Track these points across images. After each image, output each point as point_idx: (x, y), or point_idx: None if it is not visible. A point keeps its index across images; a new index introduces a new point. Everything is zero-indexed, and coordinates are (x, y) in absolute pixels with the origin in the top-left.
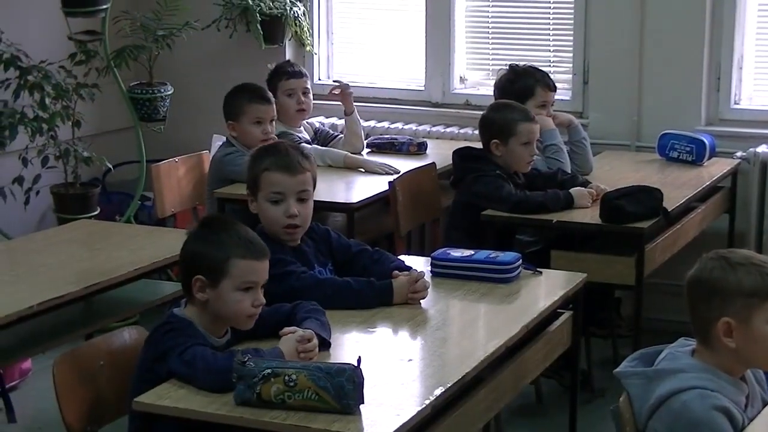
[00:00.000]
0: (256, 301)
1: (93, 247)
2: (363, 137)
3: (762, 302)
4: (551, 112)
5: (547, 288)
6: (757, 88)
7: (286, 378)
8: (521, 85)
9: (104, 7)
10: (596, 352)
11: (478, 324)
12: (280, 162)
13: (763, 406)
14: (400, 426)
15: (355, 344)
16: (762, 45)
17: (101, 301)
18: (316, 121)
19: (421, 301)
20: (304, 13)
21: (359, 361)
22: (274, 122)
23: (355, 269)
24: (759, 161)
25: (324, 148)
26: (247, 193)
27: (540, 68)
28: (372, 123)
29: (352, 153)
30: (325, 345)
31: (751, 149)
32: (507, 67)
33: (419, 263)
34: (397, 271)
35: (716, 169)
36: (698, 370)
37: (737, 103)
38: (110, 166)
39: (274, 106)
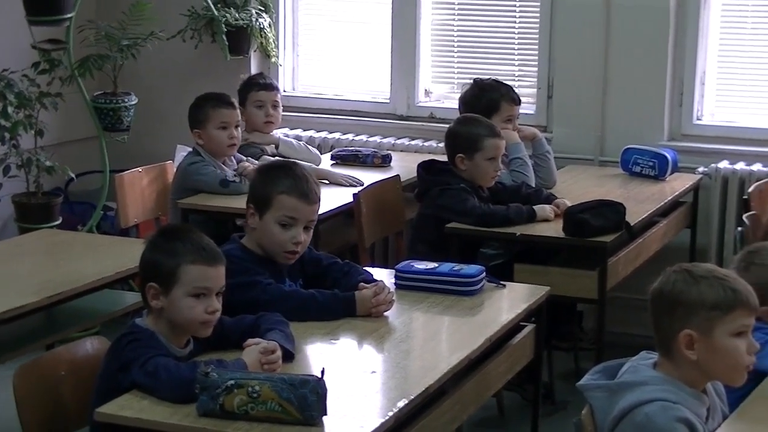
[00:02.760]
0: (210, 308)
1: (55, 257)
2: (309, 154)
3: (724, 315)
4: (516, 126)
5: (511, 301)
6: (719, 104)
7: (250, 389)
8: (487, 99)
9: (69, 16)
10: (558, 365)
11: (441, 336)
12: (299, 188)
13: (723, 419)
14: None
15: (318, 356)
16: (724, 61)
17: (63, 311)
18: (281, 133)
19: (385, 313)
20: (269, 25)
21: (323, 372)
22: (239, 128)
23: (326, 282)
24: (720, 177)
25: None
26: (250, 206)
27: (505, 82)
28: (336, 135)
29: None
30: (288, 356)
31: (712, 165)
32: (472, 82)
33: (383, 275)
34: (362, 284)
35: (678, 184)
36: (660, 382)
37: (699, 119)
38: (73, 175)
39: (239, 111)
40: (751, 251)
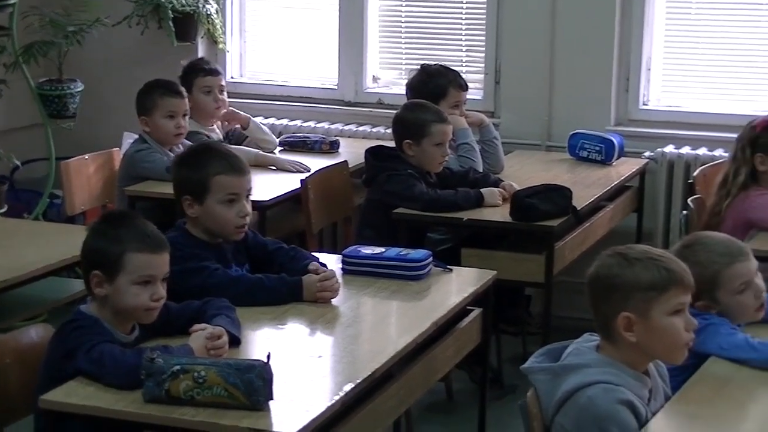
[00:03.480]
0: (155, 295)
1: (0, 245)
2: (272, 137)
3: (659, 295)
4: (464, 112)
5: (458, 285)
6: (665, 89)
7: (196, 374)
8: (434, 85)
9: (12, 2)
10: (506, 349)
11: (388, 321)
12: (231, 164)
13: (666, 400)
14: (310, 422)
15: (265, 341)
16: (670, 47)
17: (8, 299)
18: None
19: (333, 299)
20: (216, 11)
21: (269, 357)
22: (186, 117)
23: (272, 267)
24: (666, 161)
25: (234, 146)
26: (186, 197)
27: (451, 68)
28: (284, 121)
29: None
30: (235, 342)
31: (658, 149)
32: (419, 67)
33: (331, 261)
34: (310, 268)
35: (625, 168)
36: (603, 364)
37: (646, 104)
38: (18, 163)
39: (187, 100)
40: (686, 245)
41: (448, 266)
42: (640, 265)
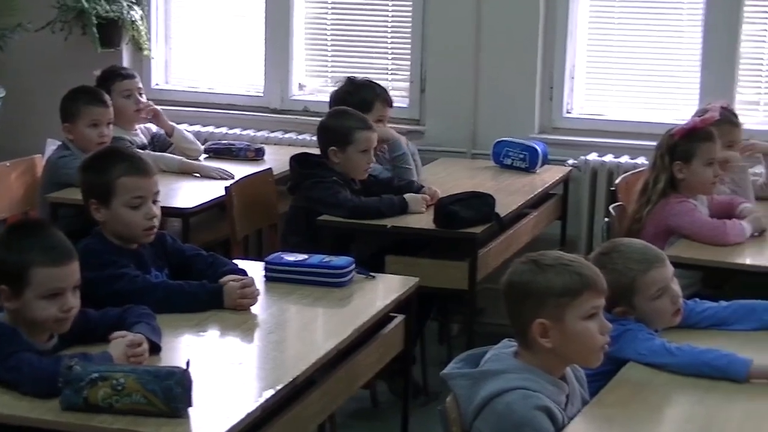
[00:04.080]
0: (65, 306)
1: None
2: (196, 144)
3: (572, 300)
4: (384, 126)
5: (381, 292)
6: (588, 97)
7: (114, 382)
8: (360, 97)
9: None
10: (431, 356)
11: (310, 327)
12: (134, 166)
13: (583, 405)
14: (229, 428)
15: (186, 348)
16: (593, 56)
17: None
18: (154, 126)
19: (253, 306)
20: (141, 17)
21: (188, 364)
22: (110, 125)
23: (191, 273)
24: (589, 169)
25: (158, 153)
26: (92, 201)
27: (378, 83)
28: (210, 128)
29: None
30: (155, 349)
31: (582, 157)
32: (345, 79)
33: (253, 268)
34: (230, 275)
35: (549, 176)
36: (520, 370)
37: (569, 112)
38: None
39: (111, 109)
40: (603, 253)
41: (371, 273)
42: (553, 271)
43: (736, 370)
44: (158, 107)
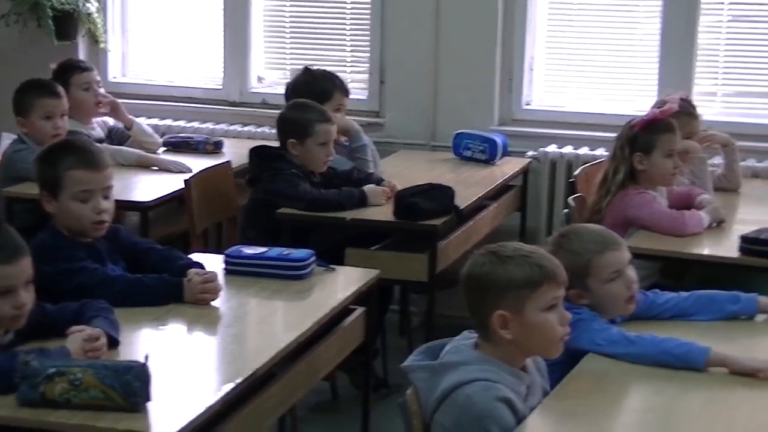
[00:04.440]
0: (17, 303)
1: None
2: (155, 137)
3: (532, 292)
4: (344, 117)
5: (340, 284)
6: (547, 89)
7: (72, 377)
8: (319, 87)
9: None
10: (392, 348)
11: (270, 320)
12: (84, 159)
13: (544, 395)
14: (188, 422)
15: (145, 342)
16: (552, 47)
17: None
18: (111, 119)
19: (215, 300)
20: (97, 9)
21: (147, 358)
22: (65, 117)
23: (146, 267)
24: (549, 160)
25: (116, 147)
26: (44, 193)
27: (335, 73)
28: (168, 122)
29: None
30: (114, 343)
31: (541, 149)
32: (302, 69)
33: (213, 261)
34: (193, 269)
35: (508, 168)
36: (480, 362)
37: (528, 104)
38: None
39: (65, 100)
40: (562, 234)
41: (331, 265)
42: (512, 262)
43: (694, 358)
44: (117, 100)
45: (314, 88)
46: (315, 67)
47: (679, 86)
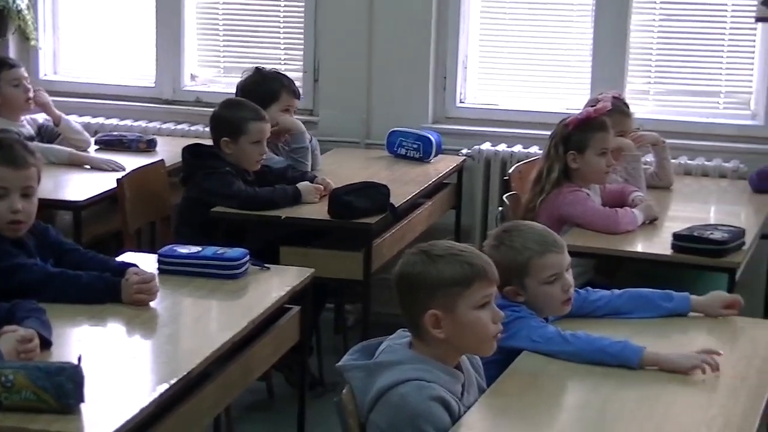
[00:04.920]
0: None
1: None
2: (84, 135)
3: (464, 290)
4: (291, 117)
5: (275, 283)
6: (481, 87)
7: (3, 378)
8: (267, 88)
9: None
10: (328, 347)
11: (205, 320)
12: (3, 156)
13: (480, 393)
14: (122, 424)
15: (77, 342)
16: (485, 45)
17: None
18: (40, 117)
19: (152, 302)
20: (28, 6)
21: (80, 359)
22: None
23: (70, 268)
24: (483, 158)
25: (47, 145)
26: None
27: (285, 74)
28: (100, 120)
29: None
30: (46, 344)
31: (475, 147)
32: (253, 69)
33: (146, 260)
34: (132, 269)
35: (443, 165)
36: (415, 361)
37: (462, 102)
38: None
39: None
40: (505, 230)
41: (266, 264)
42: (443, 261)
43: (629, 356)
44: (47, 95)
45: (262, 89)
46: (267, 67)
47: (612, 84)
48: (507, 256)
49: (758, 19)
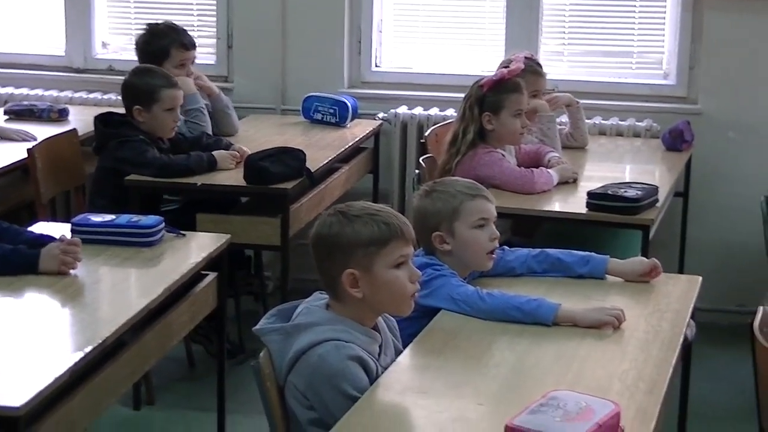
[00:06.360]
0: None
1: None
2: None
3: (380, 250)
4: (191, 71)
5: (191, 250)
6: (396, 51)
7: None
8: (157, 46)
9: None
10: (247, 313)
11: (120, 288)
12: None
13: (396, 355)
14: (36, 394)
15: None
16: (400, 9)
17: None
18: None
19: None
20: None
21: None
22: None
23: None
24: (399, 122)
25: None
26: None
27: (179, 26)
28: (10, 89)
29: None
30: None
31: (392, 110)
32: (145, 27)
33: (60, 230)
34: (53, 240)
35: (359, 130)
36: (332, 322)
37: (378, 66)
38: None
39: None
40: (436, 182)
41: (182, 231)
42: (360, 221)
43: (544, 314)
44: None
45: (152, 48)
46: (160, 23)
47: (526, 46)
48: (439, 201)
49: None
